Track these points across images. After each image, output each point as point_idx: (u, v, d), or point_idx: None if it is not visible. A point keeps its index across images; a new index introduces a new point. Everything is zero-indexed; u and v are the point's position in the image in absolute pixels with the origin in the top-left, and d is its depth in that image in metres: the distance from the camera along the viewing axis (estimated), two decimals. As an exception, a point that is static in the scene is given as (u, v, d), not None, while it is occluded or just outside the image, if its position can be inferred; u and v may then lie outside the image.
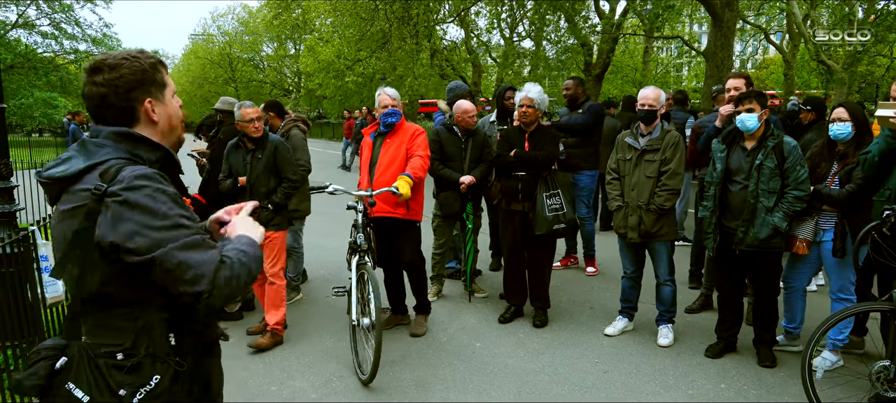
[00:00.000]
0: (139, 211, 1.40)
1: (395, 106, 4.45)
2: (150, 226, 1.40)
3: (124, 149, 1.52)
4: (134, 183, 1.42)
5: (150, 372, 1.46)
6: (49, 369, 1.41)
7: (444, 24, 20.49)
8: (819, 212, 3.93)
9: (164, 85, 1.61)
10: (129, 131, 1.54)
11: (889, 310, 3.21)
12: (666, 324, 4.54)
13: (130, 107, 1.55)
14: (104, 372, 1.42)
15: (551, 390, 3.82)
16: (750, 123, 3.82)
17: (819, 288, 5.62)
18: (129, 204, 1.40)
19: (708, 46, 11.36)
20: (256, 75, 44.11)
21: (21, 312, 3.59)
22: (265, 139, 4.54)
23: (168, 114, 1.62)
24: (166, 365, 1.48)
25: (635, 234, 4.35)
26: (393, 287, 4.85)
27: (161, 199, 1.44)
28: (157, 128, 1.60)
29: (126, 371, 1.43)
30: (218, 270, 1.44)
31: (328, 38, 26.02)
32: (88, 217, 1.41)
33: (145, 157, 1.54)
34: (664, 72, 32.77)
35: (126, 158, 1.50)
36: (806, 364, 3.26)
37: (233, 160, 4.62)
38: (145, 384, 1.44)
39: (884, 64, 20.29)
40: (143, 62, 1.56)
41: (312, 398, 3.77)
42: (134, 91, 1.54)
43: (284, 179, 4.58)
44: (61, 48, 28.69)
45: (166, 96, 1.62)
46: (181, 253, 1.40)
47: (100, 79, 1.52)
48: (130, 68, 1.53)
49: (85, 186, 1.45)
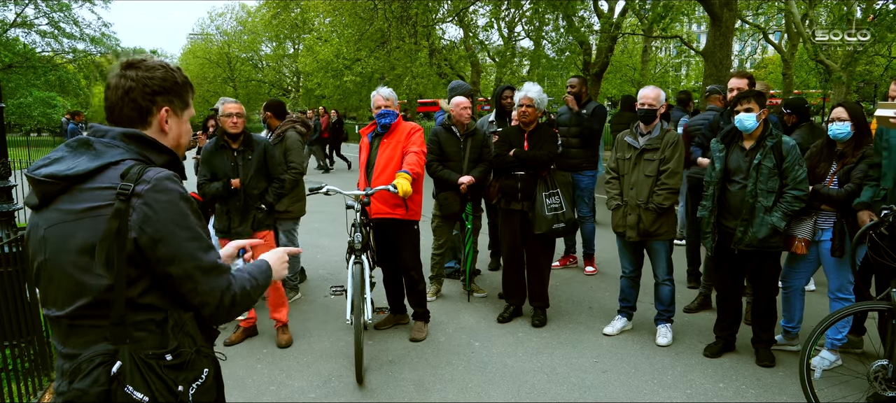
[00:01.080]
0: (166, 218, 1.43)
1: (389, 106, 4.43)
2: (174, 236, 1.44)
3: (134, 150, 1.51)
4: (160, 186, 1.44)
5: (200, 367, 1.55)
6: (108, 374, 1.42)
7: (443, 23, 20.49)
8: (818, 212, 3.93)
9: (186, 105, 1.64)
10: (139, 133, 1.53)
11: (887, 310, 3.22)
12: (665, 324, 4.54)
13: (149, 108, 1.55)
14: (160, 373, 1.46)
15: (550, 389, 3.82)
16: (748, 123, 3.82)
17: (817, 288, 5.62)
18: (156, 208, 1.42)
19: (706, 46, 11.36)
20: (255, 75, 44.04)
21: (20, 312, 3.59)
22: (251, 140, 4.49)
23: (179, 132, 1.64)
24: (210, 359, 1.58)
25: (634, 233, 4.35)
26: (392, 287, 4.85)
27: (184, 208, 1.47)
28: (166, 139, 1.61)
29: (180, 369, 1.49)
30: (224, 295, 1.52)
31: (327, 37, 26.01)
32: (118, 216, 1.40)
33: (155, 160, 1.54)
34: (663, 72, 32.80)
35: (138, 159, 1.50)
36: (804, 363, 3.27)
37: (217, 163, 4.43)
38: (198, 378, 1.53)
39: (882, 63, 20.29)
40: (178, 76, 1.60)
41: (311, 398, 3.77)
42: (159, 95, 1.56)
43: (274, 179, 4.59)
44: (60, 47, 28.68)
45: (183, 115, 1.65)
46: (198, 274, 1.47)
47: (132, 74, 1.53)
48: (165, 75, 1.57)
49: (103, 185, 1.43)
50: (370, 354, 4.36)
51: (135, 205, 1.41)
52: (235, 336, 4.64)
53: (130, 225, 1.40)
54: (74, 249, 1.43)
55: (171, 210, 1.44)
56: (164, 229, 1.42)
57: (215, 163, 4.45)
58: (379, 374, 4.05)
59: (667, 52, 36.56)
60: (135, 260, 1.43)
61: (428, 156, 5.08)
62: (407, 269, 4.59)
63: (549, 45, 20.57)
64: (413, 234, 4.58)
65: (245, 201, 4.43)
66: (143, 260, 1.43)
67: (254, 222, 4.46)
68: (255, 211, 4.47)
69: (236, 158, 4.44)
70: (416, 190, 4.39)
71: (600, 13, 18.79)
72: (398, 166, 4.32)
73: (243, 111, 4.47)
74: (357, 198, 4.19)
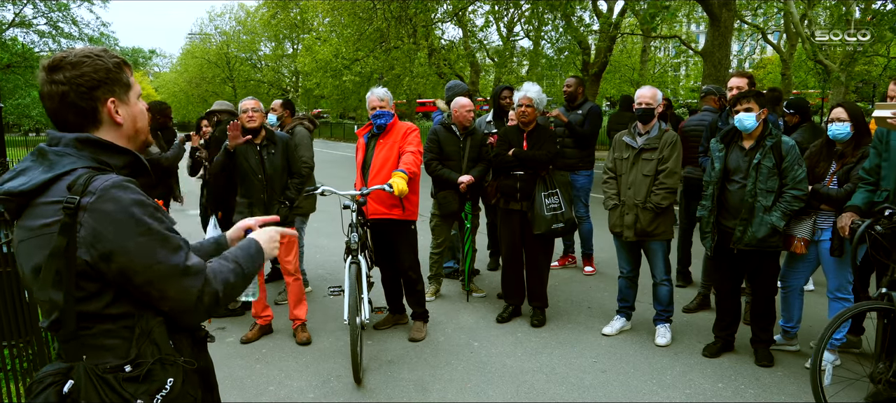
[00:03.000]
0: (115, 230, 1.33)
1: (383, 107, 4.42)
2: (127, 248, 1.34)
3: (88, 156, 1.42)
4: (107, 195, 1.34)
5: (163, 377, 1.43)
6: (57, 395, 1.36)
7: (442, 23, 20.49)
8: (817, 212, 3.93)
9: (128, 86, 1.51)
10: (91, 137, 1.44)
11: (889, 310, 3.21)
12: (663, 324, 4.54)
13: (93, 107, 1.44)
14: (116, 388, 1.37)
15: (549, 389, 3.82)
16: (748, 123, 3.82)
17: (816, 288, 5.63)
18: (103, 219, 1.33)
19: (705, 46, 11.38)
20: (254, 75, 44.03)
21: (18, 312, 3.58)
22: (273, 134, 4.54)
23: (133, 116, 1.53)
24: (177, 367, 1.46)
25: (631, 233, 4.36)
26: (390, 287, 4.85)
27: (138, 214, 1.36)
28: (122, 130, 1.51)
29: (139, 381, 1.39)
30: (202, 295, 1.43)
31: (326, 37, 26.02)
32: (64, 232, 1.32)
33: (112, 163, 1.45)
34: (662, 72, 32.82)
35: (91, 166, 1.40)
36: (817, 368, 3.18)
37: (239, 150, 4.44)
38: (161, 389, 1.42)
39: (881, 63, 20.31)
40: (107, 61, 1.46)
41: (310, 397, 3.77)
42: (97, 90, 1.44)
43: (295, 174, 4.61)
44: (59, 47, 28.63)
45: (131, 97, 1.52)
46: (162, 281, 1.38)
47: (60, 77, 1.41)
48: (93, 66, 1.43)
49: (53, 199, 1.35)
50: (369, 354, 4.36)
51: (82, 220, 1.32)
52: (252, 334, 4.63)
53: (80, 241, 1.32)
54: (30, 269, 1.39)
55: (120, 220, 1.34)
56: (116, 242, 1.33)
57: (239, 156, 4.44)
58: (378, 374, 4.05)
59: (665, 53, 36.59)
60: (90, 276, 1.35)
61: (427, 155, 5.09)
62: (405, 269, 4.59)
63: (549, 44, 20.59)
64: (410, 234, 4.57)
65: (269, 195, 4.44)
66: (99, 274, 1.35)
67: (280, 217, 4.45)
68: (279, 206, 4.47)
69: (260, 152, 4.46)
70: (413, 190, 4.39)
71: (599, 13, 18.81)
72: (394, 166, 4.32)
73: (260, 106, 4.48)
74: (353, 198, 4.19)
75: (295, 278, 4.60)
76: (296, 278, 4.61)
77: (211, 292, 1.45)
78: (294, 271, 4.60)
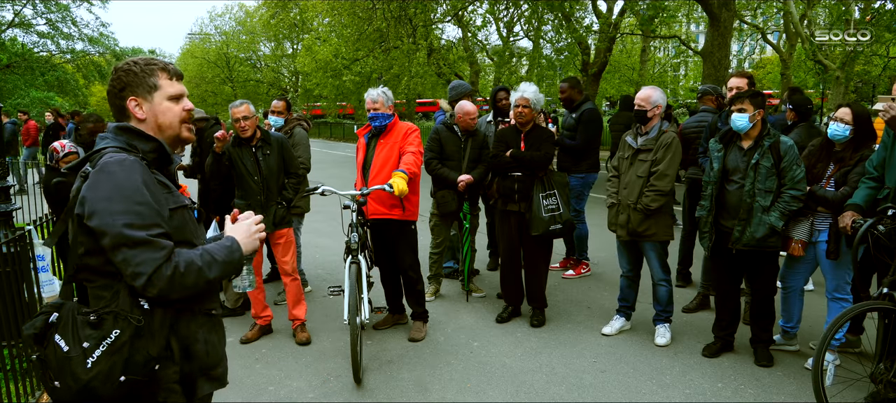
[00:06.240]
0: (98, 194, 1.58)
1: (378, 108, 4.39)
2: (103, 210, 1.57)
3: (123, 140, 1.73)
4: (105, 167, 1.61)
5: (110, 327, 1.59)
6: (45, 322, 1.62)
7: (441, 23, 20.50)
8: (814, 213, 3.93)
9: (154, 88, 1.78)
10: (125, 125, 1.77)
11: (890, 310, 3.21)
12: (663, 324, 4.55)
13: (121, 105, 1.78)
14: (78, 328, 1.59)
15: (548, 389, 3.82)
16: (740, 123, 3.83)
17: (816, 288, 5.63)
18: (94, 186, 1.59)
19: (705, 46, 11.39)
20: (253, 75, 44.04)
21: (18, 312, 3.58)
22: (268, 135, 4.54)
23: (154, 113, 1.78)
24: (127, 322, 1.60)
25: (624, 232, 4.36)
26: (390, 286, 4.85)
27: (123, 182, 1.59)
28: (146, 124, 1.79)
29: (91, 326, 1.59)
30: (159, 270, 1.58)
31: (325, 37, 26.05)
32: (76, 192, 1.62)
33: (141, 148, 1.73)
34: (661, 72, 32.83)
35: (121, 147, 1.69)
36: (820, 370, 3.18)
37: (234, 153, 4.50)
38: (106, 337, 1.58)
39: (880, 63, 20.32)
40: (133, 67, 1.78)
41: (310, 397, 3.77)
42: (123, 92, 1.77)
43: (291, 175, 4.61)
44: (58, 48, 28.63)
45: (155, 98, 1.78)
46: (125, 248, 1.57)
47: (109, 84, 1.80)
48: (120, 76, 1.77)
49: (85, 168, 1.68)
50: (369, 354, 4.36)
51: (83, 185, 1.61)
52: (252, 334, 4.63)
53: (79, 200, 1.60)
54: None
55: (105, 186, 1.58)
56: (96, 204, 1.57)
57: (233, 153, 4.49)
58: (378, 374, 4.05)
59: (665, 53, 36.60)
60: (86, 231, 1.61)
61: (427, 154, 5.09)
62: (405, 269, 4.59)
63: (548, 45, 20.58)
64: (410, 234, 4.58)
65: (266, 196, 4.44)
66: (88, 231, 1.60)
67: (275, 217, 4.47)
68: (277, 207, 4.47)
69: (256, 154, 4.47)
70: (413, 190, 4.39)
71: (599, 13, 18.80)
72: (395, 166, 4.32)
73: (251, 111, 4.46)
74: (353, 197, 4.20)
75: (293, 278, 4.61)
76: (294, 278, 4.62)
77: (173, 267, 1.61)
78: (292, 271, 4.60)
